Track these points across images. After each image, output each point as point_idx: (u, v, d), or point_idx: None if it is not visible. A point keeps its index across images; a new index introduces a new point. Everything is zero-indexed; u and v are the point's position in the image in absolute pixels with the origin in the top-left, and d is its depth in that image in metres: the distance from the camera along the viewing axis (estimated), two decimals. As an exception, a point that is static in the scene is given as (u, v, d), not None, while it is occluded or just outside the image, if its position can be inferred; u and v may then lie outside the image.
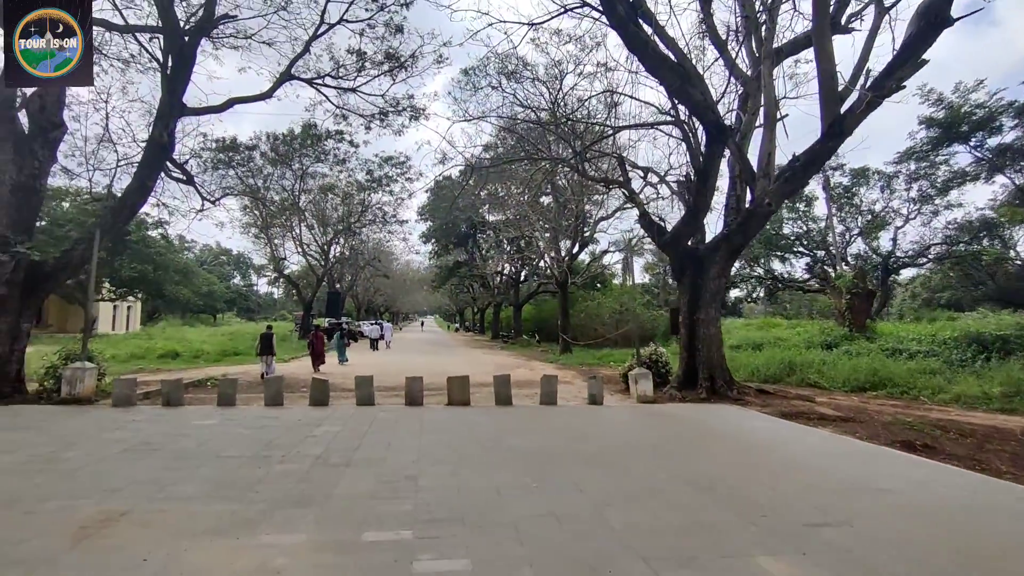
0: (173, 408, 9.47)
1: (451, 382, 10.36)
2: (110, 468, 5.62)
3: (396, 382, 14.19)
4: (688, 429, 8.49)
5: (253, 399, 10.81)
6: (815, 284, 36.77)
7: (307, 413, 9.19)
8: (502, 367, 19.90)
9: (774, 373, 15.70)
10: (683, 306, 12.29)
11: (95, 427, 7.73)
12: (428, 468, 5.80)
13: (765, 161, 10.94)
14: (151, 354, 19.96)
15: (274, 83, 13.11)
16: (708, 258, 11.95)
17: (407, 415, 9.10)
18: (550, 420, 8.98)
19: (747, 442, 7.51)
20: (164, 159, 11.22)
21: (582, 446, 7.00)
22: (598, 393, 10.71)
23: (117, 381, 9.70)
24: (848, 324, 18.46)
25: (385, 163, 33.42)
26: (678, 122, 12.86)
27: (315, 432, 7.60)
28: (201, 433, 7.42)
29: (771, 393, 11.82)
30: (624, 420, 9.20)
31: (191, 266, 60.00)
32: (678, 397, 11.36)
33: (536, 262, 40.67)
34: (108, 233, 10.99)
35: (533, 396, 11.97)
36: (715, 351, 11.81)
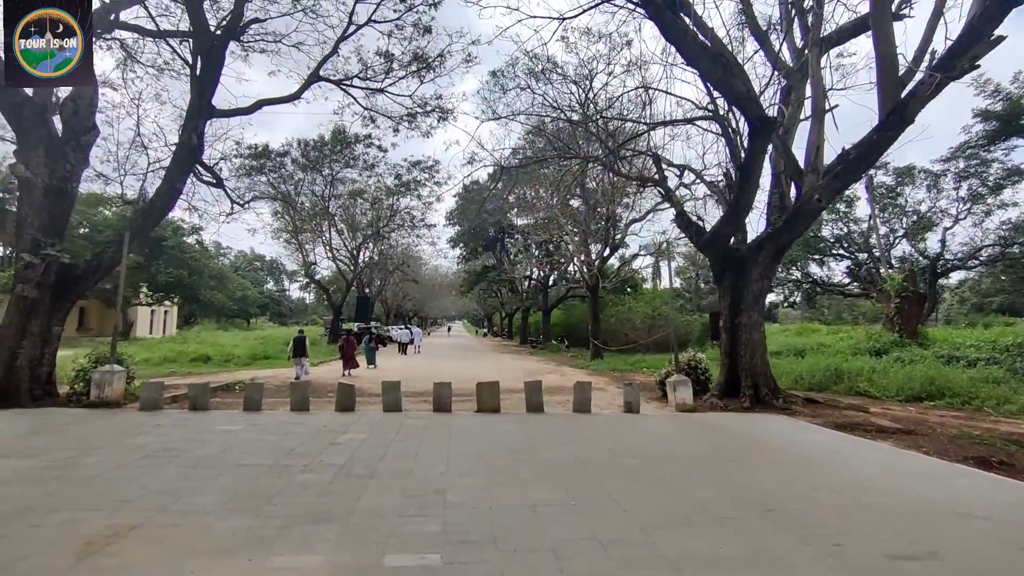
0: (199, 412, 9.31)
1: (480, 388, 9.97)
2: (126, 476, 5.38)
3: (424, 387, 13.88)
4: (734, 441, 7.90)
5: (280, 403, 10.61)
6: (856, 288, 35.36)
7: (333, 419, 8.91)
8: (532, 372, 19.46)
9: (819, 381, 14.84)
10: (724, 310, 11.66)
11: (118, 431, 7.57)
12: (457, 481, 5.40)
13: (813, 155, 10.27)
14: (183, 357, 20.16)
15: (302, 84, 13.02)
16: (750, 259, 11.30)
17: (435, 422, 8.74)
18: (585, 429, 8.50)
19: (802, 456, 6.90)
20: (193, 161, 11.18)
21: (621, 458, 6.51)
22: (634, 401, 10.17)
23: (145, 385, 9.60)
24: (898, 330, 17.44)
25: (413, 167, 33.43)
26: (717, 117, 12.27)
27: (340, 439, 7.29)
28: (224, 439, 7.18)
29: (820, 402, 11.09)
30: (664, 430, 8.66)
31: (226, 272, 61.29)
32: (719, 406, 10.73)
33: (565, 266, 40.14)
34: (138, 236, 10.98)
35: (565, 403, 11.49)
36: (759, 357, 11.14)
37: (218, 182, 12.78)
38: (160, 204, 10.87)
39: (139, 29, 12.15)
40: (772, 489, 5.35)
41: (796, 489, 5.36)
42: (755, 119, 9.88)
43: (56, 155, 10.01)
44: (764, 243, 11.11)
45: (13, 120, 9.76)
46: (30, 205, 9.78)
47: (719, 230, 11.26)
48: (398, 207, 36.86)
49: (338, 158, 32.30)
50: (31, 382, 9.62)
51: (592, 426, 8.79)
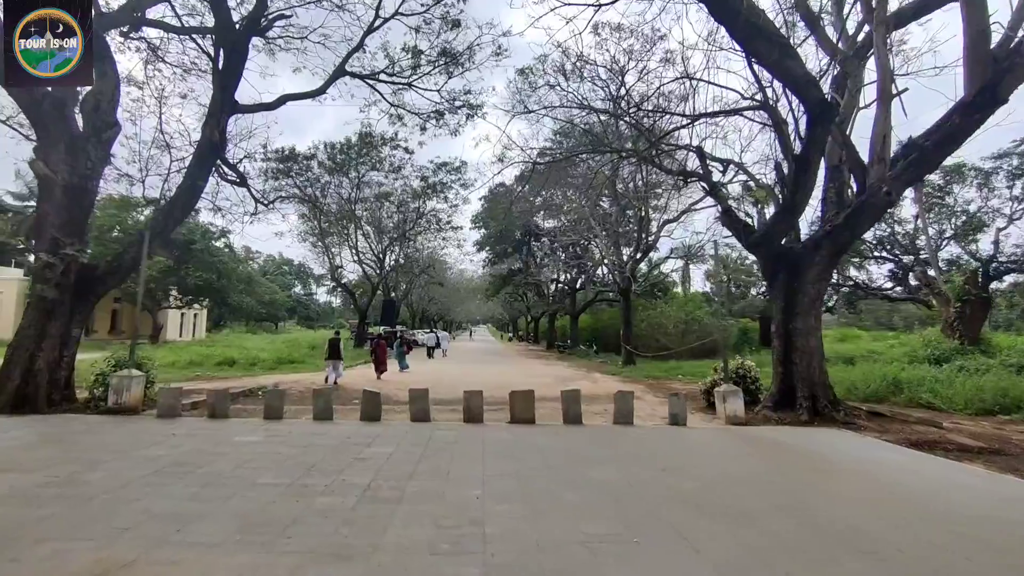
0: (218, 420, 8.83)
1: (514, 397, 9.29)
2: (129, 496, 4.85)
3: (453, 394, 13.27)
4: (800, 460, 7.05)
5: (302, 411, 10.10)
6: (900, 292, 33.64)
7: (357, 429, 8.34)
8: (564, 379, 18.71)
9: (875, 391, 13.76)
10: (776, 314, 10.77)
11: (131, 442, 7.11)
12: (496, 508, 4.72)
13: (879, 144, 9.34)
14: (209, 361, 19.95)
15: (328, 79, 12.58)
16: (806, 259, 10.40)
17: (466, 435, 8.09)
18: (630, 444, 7.74)
19: (884, 481, 6.03)
20: (215, 158, 10.80)
21: (678, 481, 5.75)
22: (680, 412, 9.37)
23: (162, 391, 9.19)
24: (959, 336, 16.18)
25: (440, 169, 33.04)
26: (767, 106, 11.41)
27: (364, 454, 6.69)
28: (240, 452, 6.65)
29: (886, 416, 10.10)
30: (717, 446, 7.84)
31: (254, 275, 61.99)
32: (774, 419, 9.85)
33: (593, 269, 39.25)
34: (159, 236, 10.63)
35: (603, 414, 10.74)
36: (816, 366, 10.22)
37: (242, 181, 12.41)
38: (182, 203, 10.50)
39: (163, 25, 11.88)
40: (861, 522, 4.54)
41: (890, 522, 4.55)
42: (815, 105, 9.03)
43: (77, 152, 9.70)
44: (822, 242, 10.20)
45: (33, 115, 9.48)
46: (50, 203, 9.48)
47: (771, 228, 10.39)
48: (424, 210, 36.53)
49: (364, 161, 32.12)
50: (49, 387, 9.28)
51: (637, 441, 8.02)
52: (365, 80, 13.86)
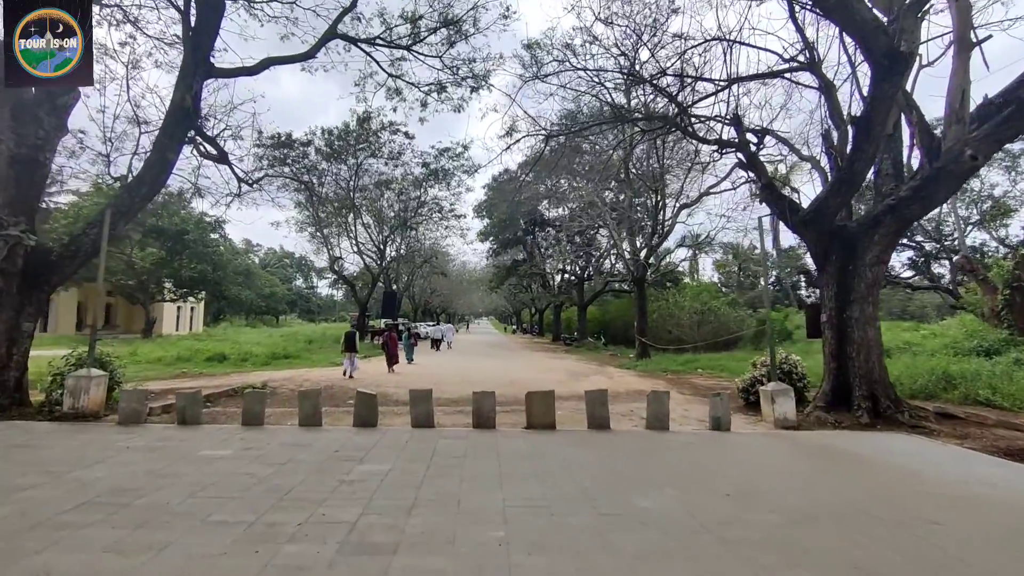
0: (187, 428, 7.58)
1: (531, 399, 8.01)
2: (34, 545, 3.59)
3: (459, 392, 12.03)
4: (893, 480, 5.74)
5: (289, 415, 8.83)
6: (922, 280, 32.32)
7: (349, 439, 7.07)
8: (576, 374, 17.46)
9: (923, 387, 12.42)
10: (826, 302, 9.45)
11: (71, 458, 5.86)
12: (528, 563, 3.45)
13: (957, 101, 7.99)
14: (199, 356, 18.71)
15: (318, 41, 11.22)
16: (863, 238, 9.08)
17: (477, 445, 6.82)
18: (675, 458, 6.46)
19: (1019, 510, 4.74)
20: (188, 126, 9.47)
21: (757, 513, 4.47)
22: (724, 416, 8.08)
23: (123, 393, 7.92)
24: (1008, 326, 14.83)
25: (442, 155, 31.66)
26: (813, 67, 10.05)
27: (354, 473, 5.42)
28: (202, 472, 5.38)
29: (960, 418, 8.82)
30: (781, 461, 6.56)
31: (252, 268, 60.78)
32: (829, 421, 8.56)
33: (601, 259, 37.91)
34: (126, 216, 9.35)
35: (630, 416, 9.48)
36: (875, 360, 8.93)
37: (222, 157, 11.07)
38: (150, 178, 9.18)
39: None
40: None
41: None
42: (883, 56, 7.68)
43: (26, 119, 8.41)
44: (883, 218, 8.86)
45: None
46: (-7, 177, 8.20)
47: (824, 202, 9.04)
48: (426, 198, 35.20)
49: (364, 147, 30.78)
50: (-3, 389, 8.04)
51: (681, 452, 6.74)
52: (359, 46, 12.48)
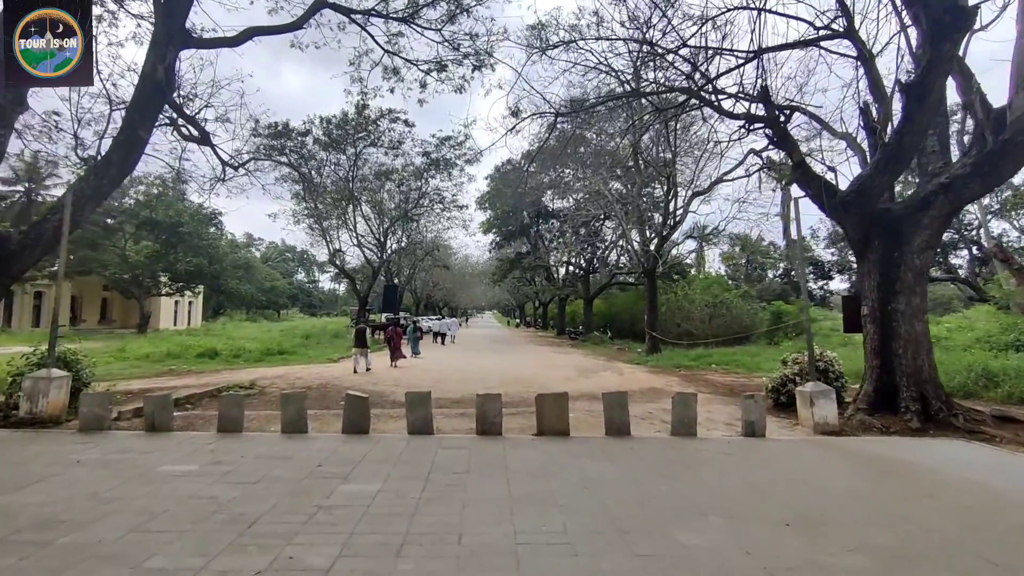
0: (155, 436, 6.74)
1: (543, 402, 7.13)
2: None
3: (461, 391, 11.19)
4: (980, 503, 4.83)
5: (273, 419, 7.96)
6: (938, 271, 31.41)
7: (335, 449, 6.21)
8: (584, 370, 16.60)
9: (961, 384, 11.51)
10: (868, 293, 8.54)
11: (9, 476, 5.00)
12: (550, 638, 2.58)
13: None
14: (189, 352, 17.89)
15: (306, 11, 10.31)
16: (910, 222, 8.16)
17: (482, 456, 5.96)
18: (712, 474, 5.57)
19: None
20: (161, 101, 8.58)
21: (831, 554, 3.57)
22: (758, 421, 7.19)
23: (85, 397, 7.06)
24: (1048, 318, 13.93)
25: (443, 144, 30.66)
26: (851, 33, 9.08)
27: (336, 496, 4.56)
28: (155, 496, 4.53)
29: (1020, 420, 7.91)
30: (834, 475, 5.66)
31: (252, 262, 60.06)
32: (875, 426, 7.67)
33: (607, 251, 36.95)
34: (93, 201, 8.47)
35: (649, 418, 8.62)
36: (924, 357, 8.03)
37: (204, 138, 10.19)
38: (119, 158, 8.29)
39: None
40: None
41: None
42: (942, 13, 6.73)
43: (-24, 91, 7.54)
44: (934, 198, 7.93)
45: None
46: (-61, 156, 7.36)
47: (868, 181, 8.09)
48: (427, 189, 34.21)
49: (363, 136, 29.82)
50: (-54, 392, 7.22)
51: (716, 466, 5.86)
52: (352, 18, 11.54)
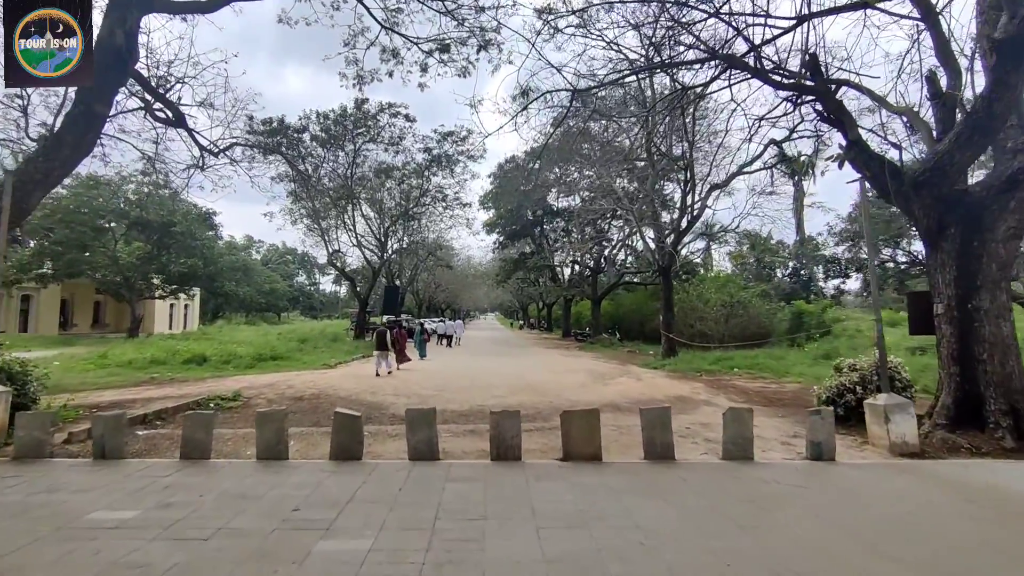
0: (104, 464, 5.59)
1: (569, 421, 5.95)
2: None
3: (470, 402, 10.03)
4: None
5: (252, 438, 6.79)
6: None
7: (319, 483, 5.04)
8: (599, 375, 15.42)
9: None
10: (943, 289, 7.35)
11: None
12: None
13: None
14: (176, 359, 16.73)
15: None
16: (993, 206, 7.00)
17: (500, 493, 4.78)
18: (791, 513, 4.39)
19: None
20: (122, 72, 7.43)
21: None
22: (826, 441, 6.01)
23: (21, 419, 5.90)
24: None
25: (444, 139, 29.54)
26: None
27: (309, 563, 3.39)
28: (64, 564, 3.37)
29: None
30: (942, 513, 4.47)
31: (251, 264, 58.95)
32: (961, 446, 6.48)
33: (615, 250, 35.77)
34: (42, 186, 7.32)
35: (688, 435, 7.43)
36: (1013, 363, 6.84)
37: (179, 120, 9.06)
38: (72, 138, 7.15)
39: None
40: None
41: None
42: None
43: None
44: (1022, 177, 6.76)
45: None
46: None
47: (947, 159, 6.91)
48: (428, 187, 33.08)
49: (362, 131, 28.75)
50: None
51: (793, 503, 4.67)
52: (345, -13, 10.44)
